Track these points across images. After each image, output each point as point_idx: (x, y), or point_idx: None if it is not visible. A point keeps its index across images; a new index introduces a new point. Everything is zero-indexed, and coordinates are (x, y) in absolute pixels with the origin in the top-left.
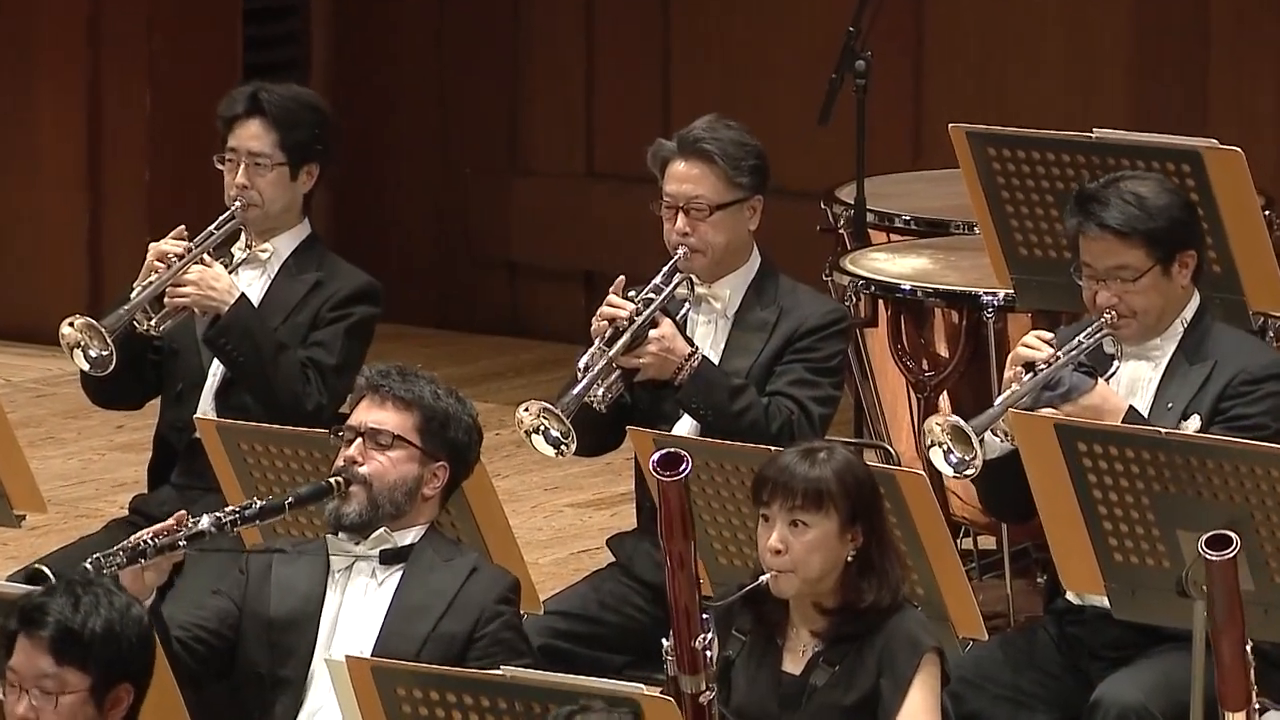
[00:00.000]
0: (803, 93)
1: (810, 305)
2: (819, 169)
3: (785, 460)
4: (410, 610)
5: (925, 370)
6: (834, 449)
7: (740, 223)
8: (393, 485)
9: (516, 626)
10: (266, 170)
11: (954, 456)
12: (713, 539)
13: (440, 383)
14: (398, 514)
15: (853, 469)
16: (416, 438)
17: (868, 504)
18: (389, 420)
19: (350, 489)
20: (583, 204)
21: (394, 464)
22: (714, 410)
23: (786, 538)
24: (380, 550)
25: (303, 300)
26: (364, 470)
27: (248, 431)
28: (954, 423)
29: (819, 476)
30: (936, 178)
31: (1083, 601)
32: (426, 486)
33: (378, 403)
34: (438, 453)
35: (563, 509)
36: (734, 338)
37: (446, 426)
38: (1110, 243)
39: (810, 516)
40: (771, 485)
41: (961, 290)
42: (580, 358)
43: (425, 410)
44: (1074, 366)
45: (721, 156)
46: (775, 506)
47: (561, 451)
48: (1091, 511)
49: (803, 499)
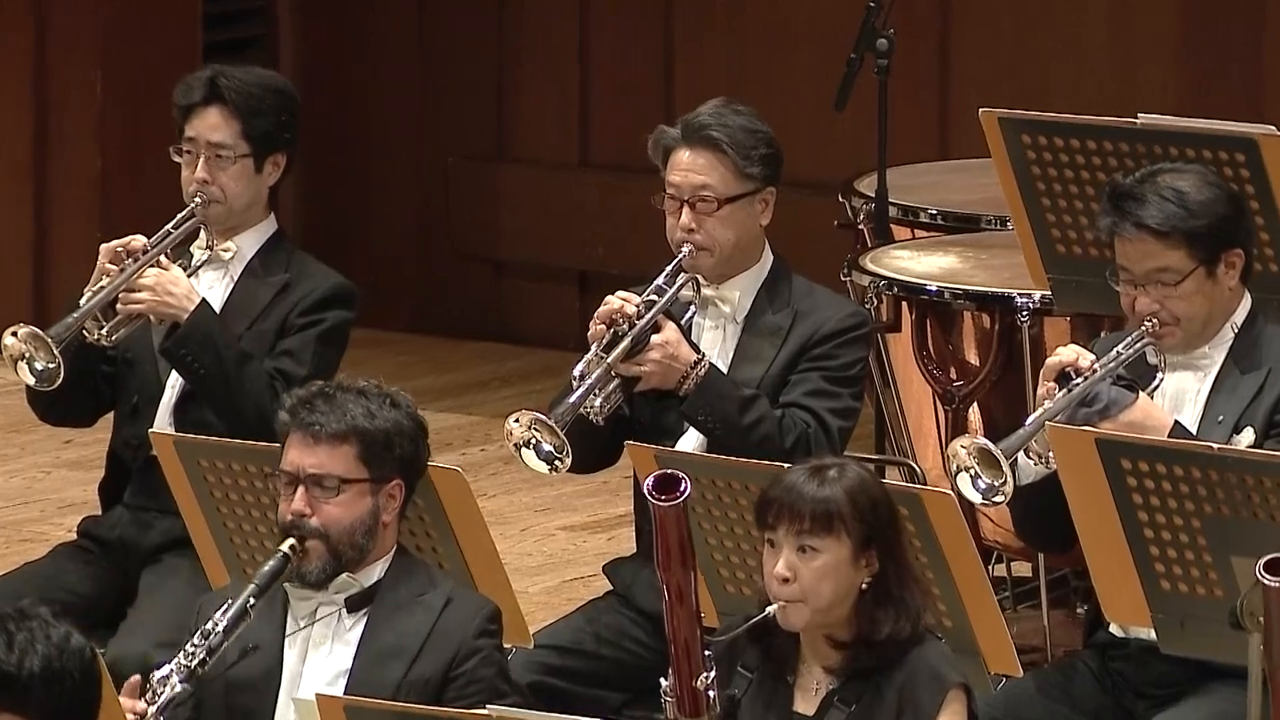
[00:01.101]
0: (819, 75)
1: (827, 308)
2: (837, 159)
3: (791, 479)
4: (379, 656)
5: (953, 380)
6: (845, 465)
7: (751, 217)
8: (351, 529)
9: (498, 662)
10: (229, 163)
11: (982, 482)
12: (719, 565)
13: (369, 390)
14: (361, 556)
15: (866, 487)
16: (363, 470)
17: (883, 526)
18: (328, 462)
19: (306, 545)
20: (577, 197)
21: (347, 507)
22: (722, 423)
23: (794, 564)
24: (346, 597)
25: (269, 305)
26: (316, 522)
27: (208, 448)
28: (981, 445)
29: (829, 496)
30: (965, 168)
31: (1127, 634)
32: (385, 513)
33: (309, 443)
34: (388, 475)
35: (555, 532)
36: (744, 344)
37: (391, 445)
38: (1148, 244)
39: (820, 540)
40: (777, 506)
41: (993, 292)
42: (575, 365)
43: (364, 437)
44: (1113, 380)
45: (730, 145)
46: (781, 530)
47: (555, 468)
48: (1136, 535)
49: (811, 521)
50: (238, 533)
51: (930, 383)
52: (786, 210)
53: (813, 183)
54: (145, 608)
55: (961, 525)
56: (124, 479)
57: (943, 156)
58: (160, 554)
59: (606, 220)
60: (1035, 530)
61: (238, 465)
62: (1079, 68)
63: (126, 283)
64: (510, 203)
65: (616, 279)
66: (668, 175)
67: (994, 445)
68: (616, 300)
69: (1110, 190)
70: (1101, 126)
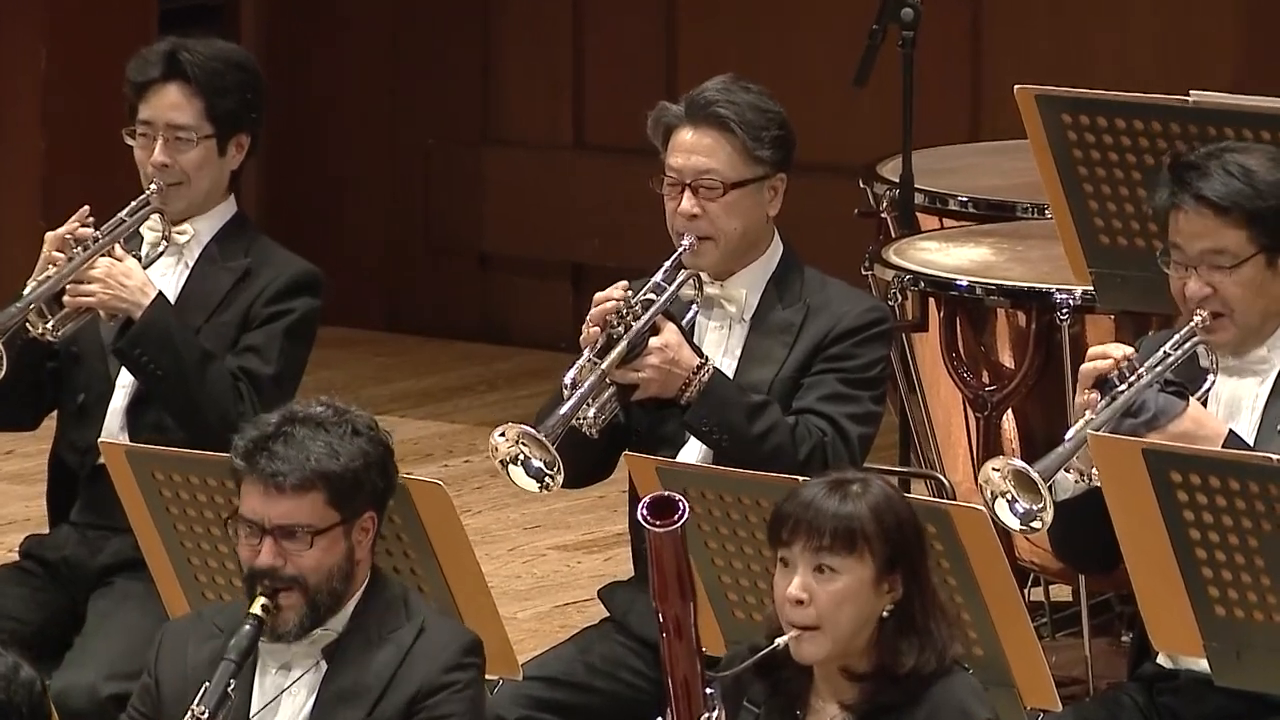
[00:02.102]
0: (837, 48)
1: (845, 304)
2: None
3: (810, 493)
4: (337, 700)
5: (985, 384)
6: (869, 480)
7: (759, 205)
8: (329, 575)
9: (471, 699)
10: (190, 145)
11: (1020, 506)
12: (726, 589)
13: (327, 420)
14: (338, 601)
15: (892, 504)
16: (334, 515)
17: (909, 547)
18: (296, 512)
19: (279, 600)
20: (570, 182)
21: (321, 555)
22: (729, 433)
23: (810, 586)
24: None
25: (229, 294)
26: (291, 571)
27: (164, 458)
28: (1016, 468)
29: (851, 513)
30: (1000, 151)
31: (1177, 665)
32: (359, 549)
33: (273, 493)
34: (360, 510)
35: (546, 553)
36: (751, 345)
37: (360, 484)
38: (1207, 220)
39: (840, 561)
40: (793, 522)
41: (1030, 287)
42: (566, 373)
43: (331, 481)
44: (1160, 386)
45: (739, 124)
46: (797, 548)
47: (545, 486)
48: (1187, 555)
49: (831, 539)
50: (197, 553)
51: (960, 388)
52: (801, 197)
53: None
54: (94, 636)
55: (995, 544)
56: (69, 489)
57: (974, 138)
58: (111, 577)
59: (603, 208)
60: (1075, 550)
61: (197, 478)
62: (1125, 38)
63: (75, 274)
64: (496, 189)
65: (614, 272)
66: (669, 157)
67: (1030, 467)
68: (609, 298)
69: (1171, 162)
70: (1150, 105)
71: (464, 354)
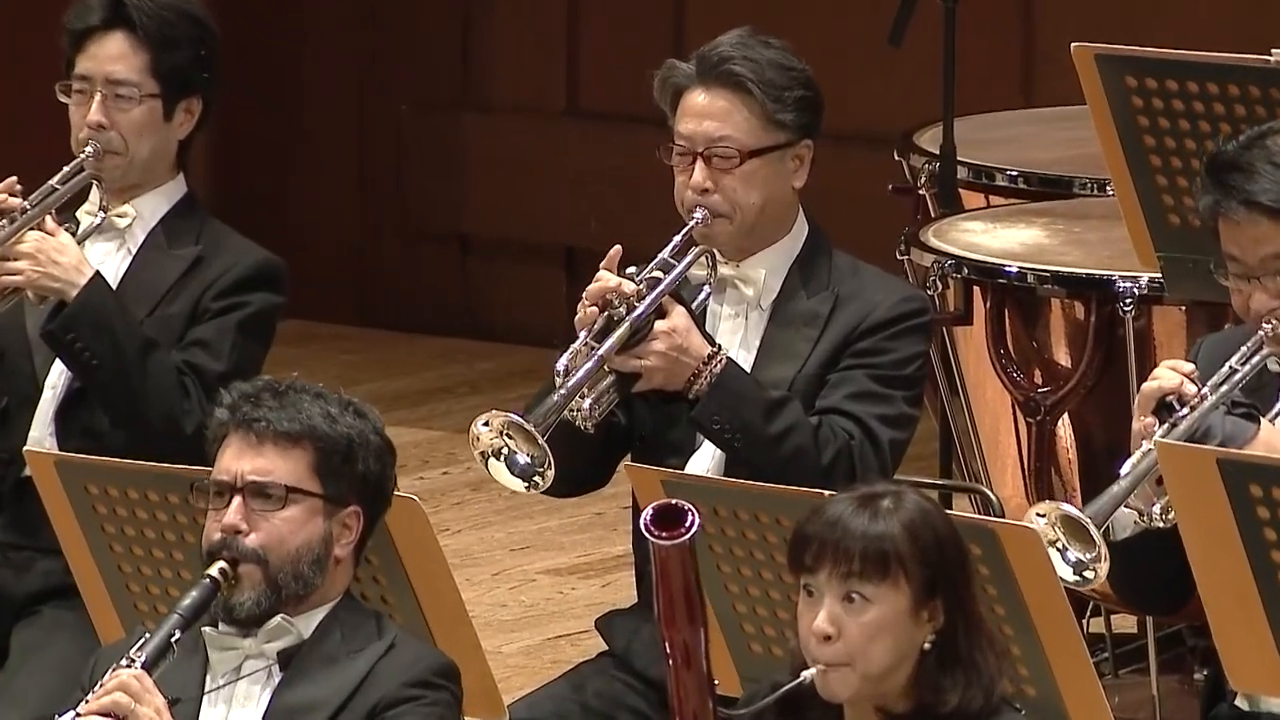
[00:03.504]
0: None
1: (877, 291)
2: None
3: (836, 510)
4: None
5: (1038, 385)
6: (902, 493)
7: (780, 177)
8: (296, 555)
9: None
10: (132, 104)
11: (1071, 556)
12: (742, 619)
13: (329, 394)
14: (306, 592)
15: (930, 521)
16: (315, 483)
17: (951, 570)
18: (275, 467)
19: (240, 570)
20: (563, 154)
21: (292, 525)
22: (742, 432)
23: (839, 618)
24: (279, 650)
25: (178, 283)
26: (253, 541)
27: (99, 470)
28: (1065, 513)
29: (883, 533)
30: (1054, 119)
31: (1256, 706)
32: (338, 545)
33: (253, 444)
34: (346, 496)
35: (536, 577)
36: (771, 335)
37: (352, 457)
38: (1261, 226)
39: (872, 588)
40: (818, 545)
41: (1089, 274)
42: (560, 357)
43: (320, 442)
44: (1227, 408)
45: (758, 84)
46: (823, 575)
47: (533, 484)
48: (1269, 582)
49: (861, 564)
50: (137, 578)
51: (1009, 389)
52: (828, 171)
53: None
54: (20, 671)
55: (1048, 568)
56: None
57: (1026, 104)
58: (38, 605)
59: (602, 184)
60: (1138, 591)
61: (136, 492)
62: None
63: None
64: (479, 162)
65: None
66: (678, 123)
67: (1081, 513)
68: (611, 276)
69: (1209, 161)
70: (1227, 66)
71: (442, 351)
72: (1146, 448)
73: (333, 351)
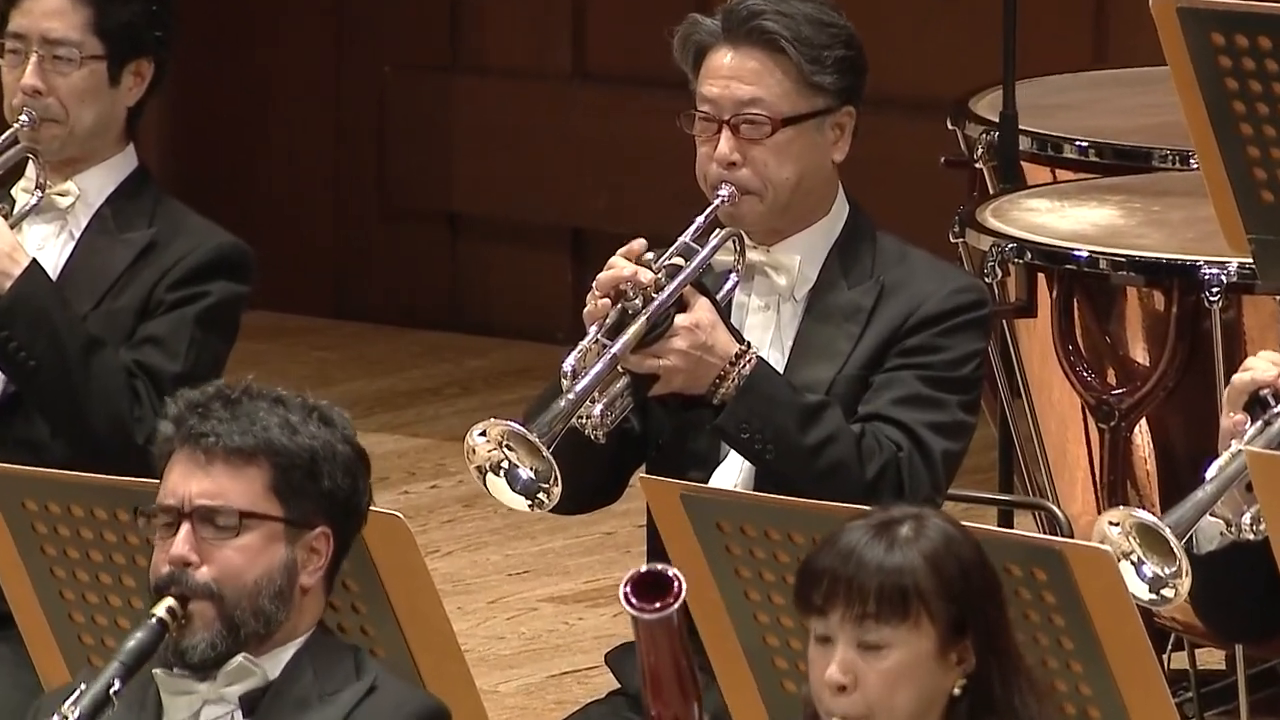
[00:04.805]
0: None
1: (928, 280)
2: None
3: (847, 541)
4: None
5: (1112, 386)
6: (923, 519)
7: (818, 149)
8: (254, 588)
9: None
10: (72, 67)
11: (1148, 570)
12: (773, 654)
13: (290, 398)
14: (268, 629)
15: (952, 548)
16: (274, 504)
17: (979, 603)
18: (226, 489)
19: (190, 607)
20: (568, 122)
21: (249, 555)
22: (775, 442)
23: (855, 665)
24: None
25: (128, 272)
26: (204, 575)
27: (38, 484)
28: (1142, 522)
29: (901, 565)
30: (1130, 81)
31: None
32: (304, 572)
33: (201, 463)
34: (311, 517)
35: (537, 606)
36: (808, 330)
37: (316, 473)
38: None
39: (890, 631)
40: (827, 583)
41: (1170, 260)
42: (567, 356)
43: (278, 457)
44: None
45: (792, 41)
46: (835, 617)
47: (537, 502)
48: None
49: (877, 604)
50: (81, 606)
51: (1079, 391)
52: (872, 141)
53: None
54: None
55: (1123, 595)
56: None
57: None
58: None
59: (612, 156)
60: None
61: (81, 508)
62: None
63: None
64: (472, 131)
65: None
66: (701, 87)
67: (1160, 521)
68: (625, 263)
69: None
70: None
71: (430, 347)
72: (1236, 449)
73: (305, 348)
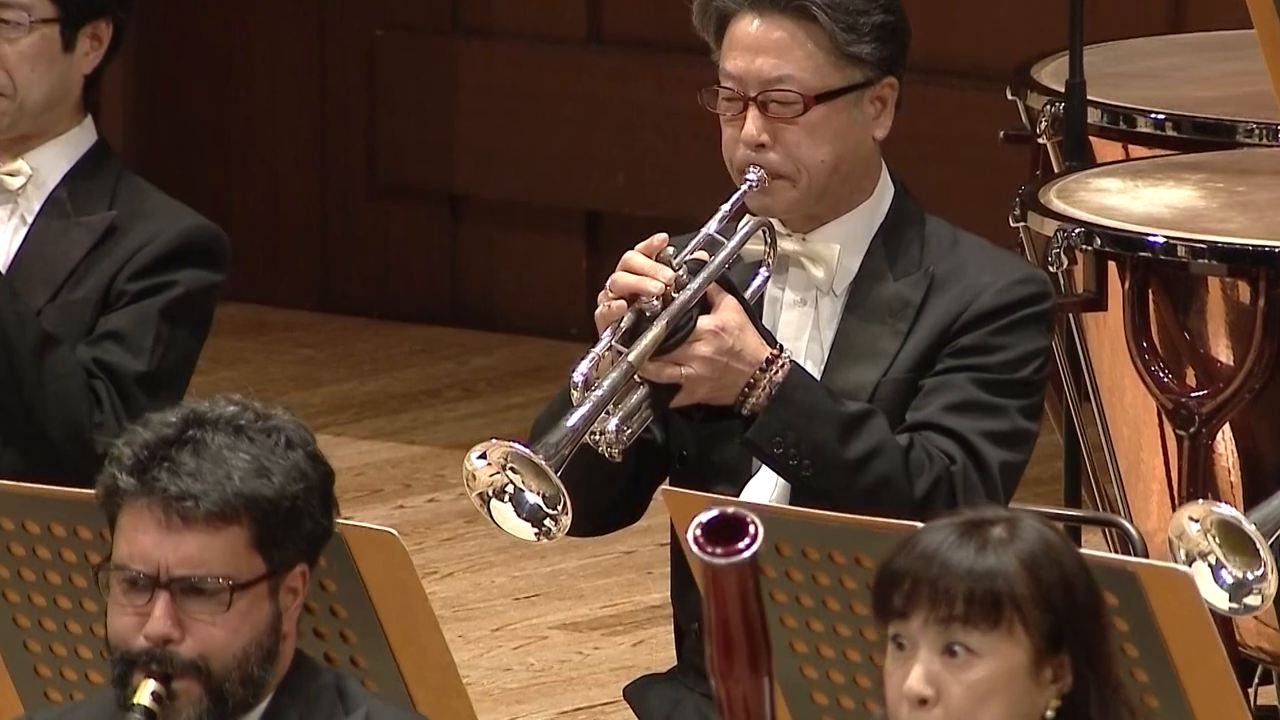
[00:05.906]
0: None
1: (985, 273)
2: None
3: (932, 541)
4: None
5: (1191, 388)
6: (1018, 521)
7: (858, 126)
8: (244, 656)
9: None
10: (20, 31)
11: (1228, 574)
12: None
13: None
14: (256, 697)
15: (1053, 554)
16: (258, 561)
17: (1080, 615)
18: (209, 556)
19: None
20: (582, 94)
21: (236, 622)
22: (812, 458)
23: (938, 676)
24: None
25: (87, 260)
26: (189, 650)
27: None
28: (1223, 518)
29: (994, 568)
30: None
31: None
32: (287, 618)
33: (177, 525)
34: (291, 559)
35: (547, 634)
36: (849, 329)
37: (297, 518)
38: None
39: (980, 638)
40: (910, 584)
41: (1255, 247)
42: (578, 365)
43: (263, 512)
44: None
45: (826, 8)
46: (917, 621)
47: (545, 531)
48: None
49: (966, 607)
50: (37, 634)
51: (1154, 394)
52: (919, 115)
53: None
54: None
55: (1205, 621)
56: None
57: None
58: None
59: (630, 130)
60: None
61: (36, 524)
62: None
63: None
64: (475, 103)
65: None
66: (724, 60)
67: (1244, 518)
68: (643, 260)
69: None
70: None
71: (428, 343)
72: None
73: (287, 344)
